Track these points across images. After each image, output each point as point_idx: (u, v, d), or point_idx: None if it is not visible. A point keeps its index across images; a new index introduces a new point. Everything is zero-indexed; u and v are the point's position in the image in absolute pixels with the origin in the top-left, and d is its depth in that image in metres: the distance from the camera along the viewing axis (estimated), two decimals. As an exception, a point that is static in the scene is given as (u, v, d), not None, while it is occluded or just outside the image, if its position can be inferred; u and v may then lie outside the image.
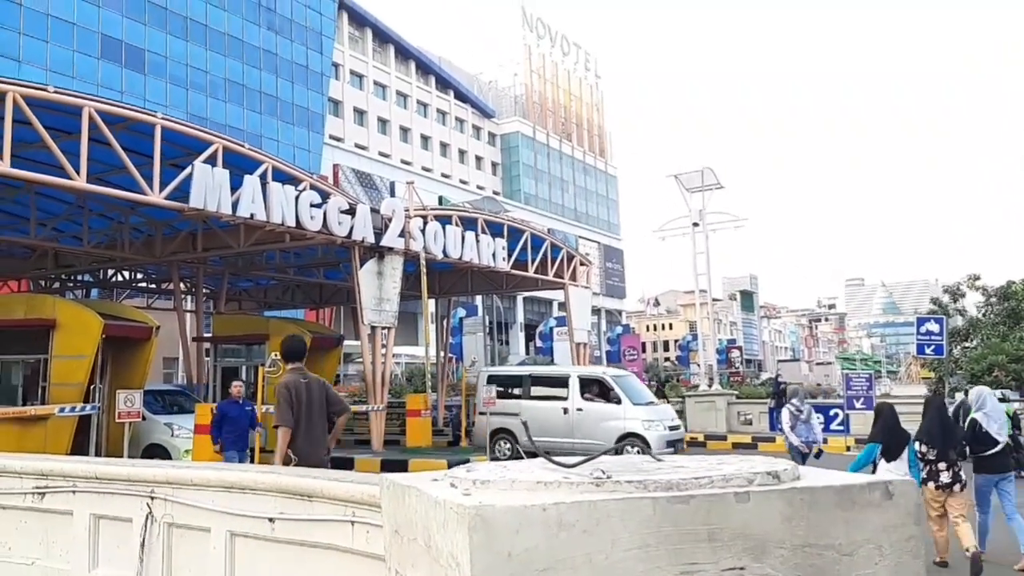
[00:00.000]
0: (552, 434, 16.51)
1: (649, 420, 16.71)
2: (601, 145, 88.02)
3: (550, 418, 17.22)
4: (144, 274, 24.54)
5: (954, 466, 8.14)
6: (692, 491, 1.74)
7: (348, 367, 37.45)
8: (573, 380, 17.66)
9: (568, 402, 17.38)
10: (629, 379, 18.79)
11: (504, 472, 1.98)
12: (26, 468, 5.15)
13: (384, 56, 63.60)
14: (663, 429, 16.73)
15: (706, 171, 27.95)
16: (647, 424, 16.52)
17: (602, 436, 16.06)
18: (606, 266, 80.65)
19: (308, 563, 3.70)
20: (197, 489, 4.23)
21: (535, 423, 17.11)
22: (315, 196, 16.16)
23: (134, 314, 16.92)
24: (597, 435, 16.17)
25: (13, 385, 15.63)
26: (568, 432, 16.80)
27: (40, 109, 12.42)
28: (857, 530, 1.80)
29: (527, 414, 17.41)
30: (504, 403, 18.04)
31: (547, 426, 16.96)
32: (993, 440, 8.34)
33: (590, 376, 18.04)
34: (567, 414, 17.27)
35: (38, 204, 17.28)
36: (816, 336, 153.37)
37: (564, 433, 16.73)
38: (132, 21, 41.07)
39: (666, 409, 18.41)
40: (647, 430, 16.33)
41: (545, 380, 18.87)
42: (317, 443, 6.82)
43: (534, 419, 17.24)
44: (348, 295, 22.48)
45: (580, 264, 26.35)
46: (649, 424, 16.57)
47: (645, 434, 16.19)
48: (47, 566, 4.96)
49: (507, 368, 24.49)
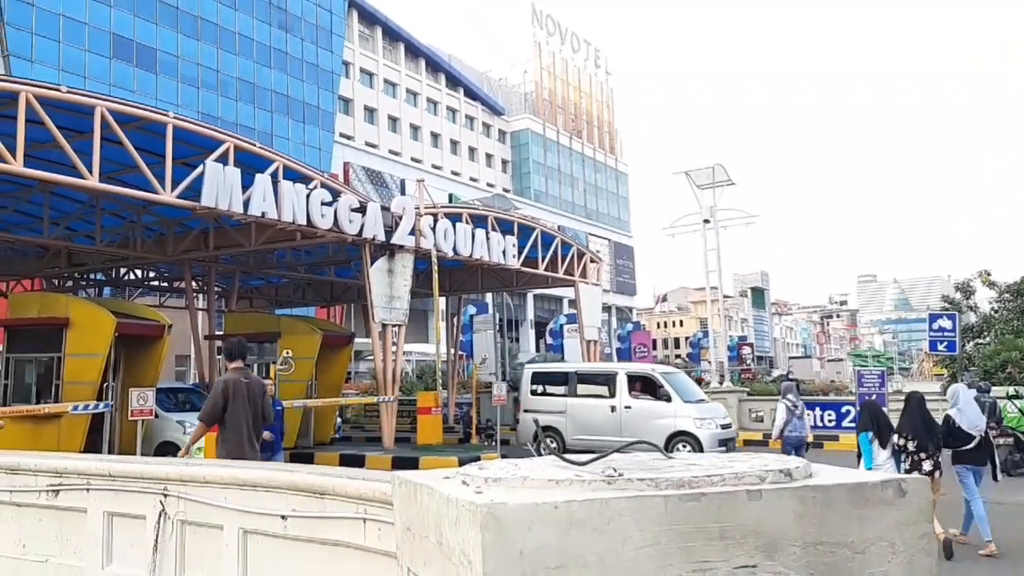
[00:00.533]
0: (599, 432, 16.16)
1: (701, 418, 16.18)
2: (611, 142, 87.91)
3: (597, 416, 16.89)
4: (156, 273, 24.67)
5: (933, 457, 8.72)
6: (704, 489, 1.73)
7: (359, 364, 37.54)
8: (621, 377, 17.21)
9: (616, 400, 16.93)
10: (679, 376, 18.34)
11: (515, 470, 1.98)
12: (40, 466, 5.19)
13: (394, 54, 63.66)
14: (715, 427, 16.21)
15: (717, 168, 27.88)
16: (699, 422, 15.99)
17: (652, 434, 15.41)
18: (616, 263, 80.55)
19: (321, 560, 3.72)
20: (210, 487, 4.25)
21: (581, 421, 16.82)
22: (326, 194, 16.21)
23: (147, 312, 17.01)
24: (646, 433, 15.51)
25: (27, 384, 15.74)
26: (616, 430, 16.32)
27: (53, 109, 12.49)
28: (870, 528, 1.80)
29: (573, 412, 17.15)
30: (550, 401, 17.78)
31: (594, 424, 16.65)
32: (967, 435, 8.97)
33: (639, 373, 17.61)
34: (615, 412, 16.82)
35: (51, 203, 17.38)
36: (828, 333, 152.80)
37: (612, 431, 16.23)
38: (143, 20, 41.25)
39: (717, 407, 17.82)
40: (699, 428, 15.85)
41: (592, 377, 18.35)
42: (248, 439, 7.06)
43: (580, 417, 16.94)
44: (359, 293, 22.55)
45: (590, 261, 26.33)
46: (701, 422, 16.05)
47: (697, 432, 15.72)
48: (61, 563, 4.99)
49: (552, 365, 24.28)
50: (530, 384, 18.26)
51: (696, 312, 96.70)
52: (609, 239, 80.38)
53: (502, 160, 74.57)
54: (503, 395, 19.80)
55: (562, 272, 24.60)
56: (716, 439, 15.88)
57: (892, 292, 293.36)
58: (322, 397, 19.13)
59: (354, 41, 58.52)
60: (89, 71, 38.16)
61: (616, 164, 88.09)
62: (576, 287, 25.44)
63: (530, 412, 17.75)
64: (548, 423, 17.52)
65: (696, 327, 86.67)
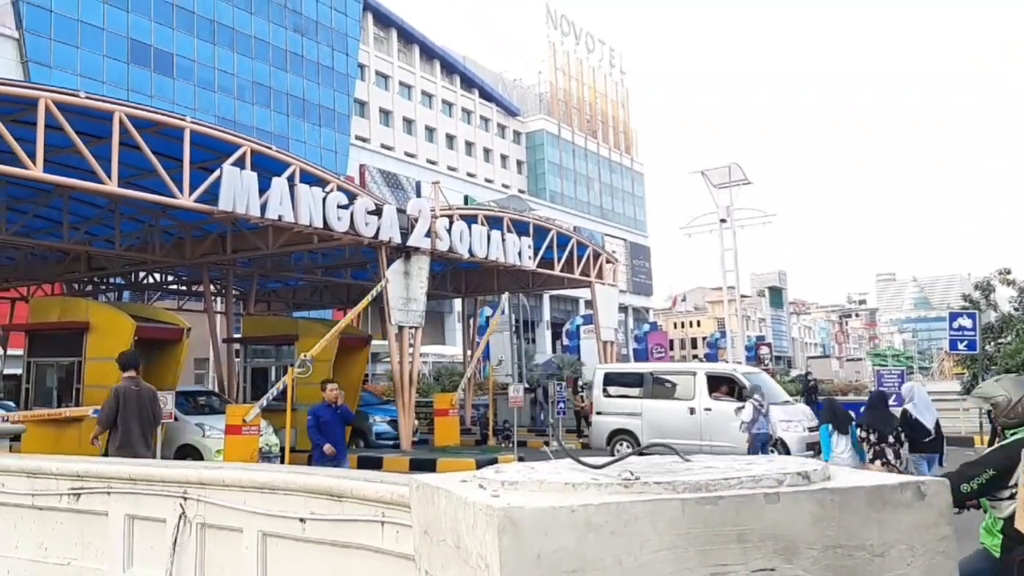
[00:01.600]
0: (677, 436, 15.24)
1: (787, 420, 15.19)
2: (627, 142, 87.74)
3: (675, 419, 16.10)
4: (175, 276, 24.84)
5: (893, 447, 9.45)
6: (721, 492, 1.73)
7: (376, 366, 37.63)
8: (700, 378, 16.45)
9: (695, 401, 16.14)
10: (761, 376, 17.45)
11: (532, 473, 1.98)
12: (62, 469, 5.23)
13: (409, 56, 63.84)
14: (802, 430, 15.30)
15: (733, 167, 27.79)
16: (785, 425, 15.00)
17: (734, 437, 14.45)
18: (633, 263, 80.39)
19: (339, 563, 3.73)
20: (229, 490, 4.28)
21: (658, 424, 16.08)
22: (342, 197, 16.27)
23: (166, 316, 17.13)
24: (728, 437, 14.79)
25: (48, 387, 15.90)
26: (695, 434, 15.66)
27: (72, 114, 12.61)
28: (889, 530, 1.79)
29: (649, 415, 16.42)
30: (623, 403, 17.07)
31: (671, 427, 15.85)
32: (924, 428, 10.00)
33: (719, 373, 16.85)
34: (694, 414, 16.05)
35: (71, 208, 17.53)
36: (847, 332, 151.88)
37: (691, 435, 15.49)
38: (160, 26, 41.58)
39: (803, 409, 17.07)
40: (785, 431, 14.89)
41: (669, 378, 17.52)
42: (139, 438, 8.25)
43: (657, 420, 16.18)
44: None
45: (606, 262, 26.29)
46: (787, 424, 15.11)
47: (783, 435, 14.77)
48: (83, 566, 5.03)
49: (626, 366, 23.72)
50: (602, 385, 17.52)
51: (713, 312, 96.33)
52: (625, 239, 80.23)
53: (517, 161, 74.60)
54: (520, 397, 19.79)
55: (578, 273, 24.58)
56: (804, 442, 14.99)
57: (911, 291, 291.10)
58: (339, 399, 19.17)
59: (369, 44, 58.73)
60: (107, 76, 38.52)
61: (632, 164, 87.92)
62: (592, 288, 25.40)
63: (603, 415, 17.10)
64: (622, 426, 16.81)
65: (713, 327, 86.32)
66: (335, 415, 10.80)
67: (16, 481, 5.44)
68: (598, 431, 17.37)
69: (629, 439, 16.62)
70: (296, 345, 18.28)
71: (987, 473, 3.87)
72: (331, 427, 10.69)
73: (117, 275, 23.64)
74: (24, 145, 11.92)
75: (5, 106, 12.31)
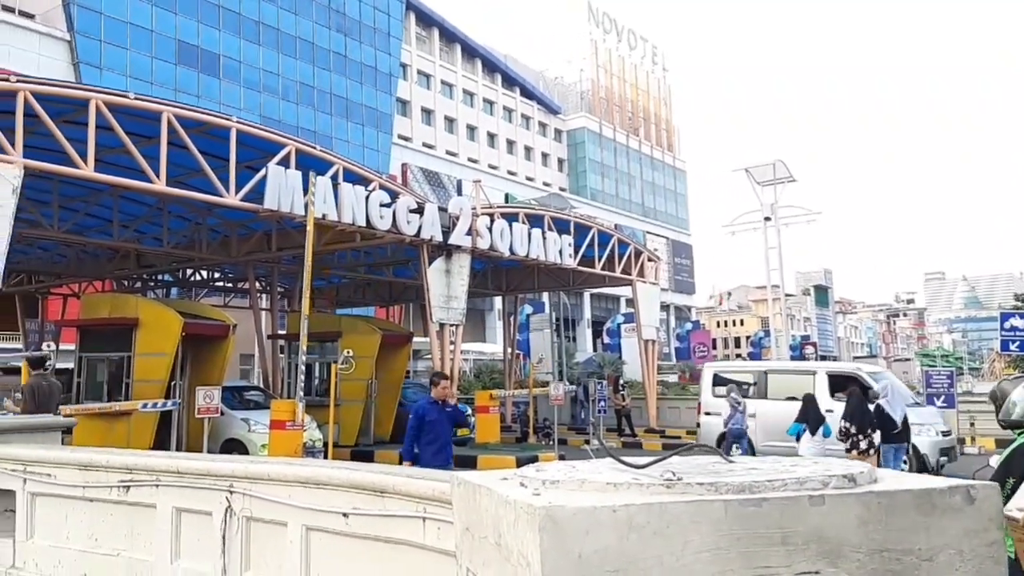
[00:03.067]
0: None
1: (919, 424, 13.92)
2: (669, 139, 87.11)
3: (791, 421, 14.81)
4: (221, 273, 25.23)
5: (868, 438, 11.30)
6: (765, 494, 1.71)
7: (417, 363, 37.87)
8: (820, 377, 15.56)
9: None
10: (887, 375, 16.26)
11: (573, 472, 1.98)
12: (112, 462, 5.34)
13: (451, 55, 64.07)
14: (934, 434, 14.32)
15: (777, 164, 27.43)
16: (916, 428, 13.63)
17: None
18: (675, 261, 79.84)
19: (381, 558, 3.77)
20: (274, 484, 4.34)
21: (773, 426, 14.94)
22: (384, 196, 16.39)
23: (212, 313, 17.41)
24: None
25: (99, 382, 16.24)
26: None
27: (121, 115, 12.87)
28: (937, 535, 1.76)
29: (764, 416, 15.42)
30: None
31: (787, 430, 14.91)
32: (894, 421, 11.76)
33: (841, 372, 15.87)
34: None
35: (121, 207, 17.89)
36: (894, 332, 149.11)
37: None
38: (207, 27, 42.24)
39: (934, 411, 16.01)
40: (916, 435, 13.57)
41: (786, 377, 16.62)
42: None
43: (771, 422, 15.06)
44: (417, 293, 22.76)
45: (648, 260, 26.12)
46: (919, 428, 13.86)
47: (915, 440, 13.46)
48: (131, 557, 5.13)
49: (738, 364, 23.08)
50: (711, 385, 16.78)
51: (757, 311, 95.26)
52: (667, 237, 79.69)
53: (558, 159, 74.46)
54: (561, 395, 19.77)
55: (619, 271, 24.46)
56: (937, 447, 14.09)
57: (961, 290, 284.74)
58: (382, 396, 19.35)
59: (411, 43, 59.05)
60: (155, 77, 39.24)
61: (674, 161, 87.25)
62: (633, 286, 25.27)
63: (712, 416, 16.26)
64: None
65: (757, 326, 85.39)
66: (443, 414, 9.04)
67: (68, 473, 5.57)
68: (707, 433, 16.41)
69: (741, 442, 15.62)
70: (339, 342, 18.48)
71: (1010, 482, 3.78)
72: (437, 428, 8.91)
73: (165, 272, 24.09)
74: (76, 145, 12.20)
75: (58, 107, 12.60)
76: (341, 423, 17.78)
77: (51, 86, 13.11)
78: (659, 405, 24.96)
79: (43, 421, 7.40)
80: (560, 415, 20.22)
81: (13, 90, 11.58)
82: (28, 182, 12.14)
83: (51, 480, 5.67)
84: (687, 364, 52.39)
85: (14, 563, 5.82)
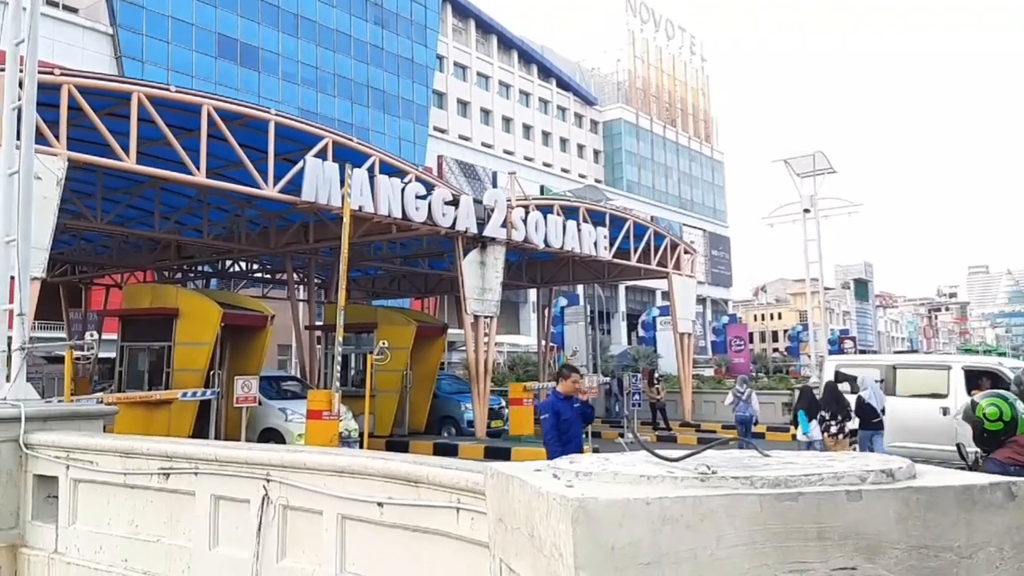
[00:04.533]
0: (926, 439, 13.49)
1: None
2: (706, 130, 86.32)
3: (923, 419, 14.03)
4: (260, 265, 25.54)
5: (840, 423, 12.51)
6: (801, 488, 1.70)
7: (452, 355, 38.05)
8: (956, 373, 14.32)
9: (949, 400, 13.90)
10: None
11: (606, 465, 1.98)
12: (152, 450, 5.43)
13: (487, 47, 64.05)
14: None
15: (817, 155, 27.01)
16: None
17: None
18: (711, 254, 79.18)
19: (415, 547, 3.79)
20: (310, 473, 4.38)
21: (902, 425, 13.96)
22: (420, 188, 16.45)
23: (250, 303, 17.61)
24: None
25: (140, 371, 16.50)
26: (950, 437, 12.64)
27: (163, 108, 13.07)
28: (977, 532, 1.73)
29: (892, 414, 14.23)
30: None
31: (918, 429, 13.92)
32: (873, 410, 12.88)
33: (980, 368, 14.51)
34: (947, 415, 13.63)
35: (162, 199, 18.17)
36: (936, 326, 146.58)
37: (943, 438, 13.04)
38: (247, 20, 42.66)
39: None
40: None
41: (916, 372, 15.42)
42: None
43: (901, 420, 14.01)
44: (452, 284, 22.81)
45: (684, 252, 25.93)
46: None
47: None
48: (171, 544, 5.22)
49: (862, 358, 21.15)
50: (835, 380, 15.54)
51: (795, 304, 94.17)
52: (704, 229, 79.06)
53: (594, 150, 74.15)
54: (595, 387, 19.73)
55: (655, 264, 24.31)
56: None
57: (1005, 284, 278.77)
58: (416, 387, 19.46)
59: (448, 35, 59.13)
60: (196, 70, 39.74)
61: (712, 153, 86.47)
62: (669, 279, 25.10)
63: None
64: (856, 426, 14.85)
65: (795, 320, 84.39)
66: (574, 411, 8.20)
67: (110, 460, 5.67)
68: None
69: None
70: (375, 333, 18.60)
71: None
72: (571, 427, 8.11)
73: (205, 263, 24.43)
74: (118, 138, 12.42)
75: (101, 100, 12.82)
76: (376, 414, 17.92)
77: (94, 79, 13.35)
78: (694, 399, 24.82)
79: (87, 409, 7.54)
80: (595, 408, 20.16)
81: (57, 83, 11.80)
82: (72, 174, 12.37)
83: (93, 467, 5.78)
84: (723, 358, 51.98)
85: (56, 548, 5.95)
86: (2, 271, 6.91)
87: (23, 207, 6.84)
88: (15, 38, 7.07)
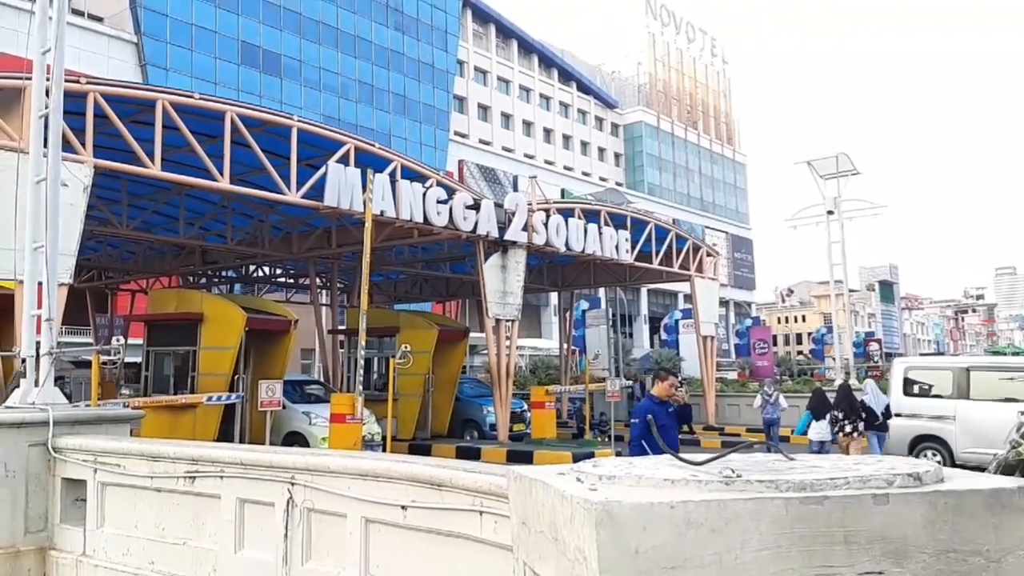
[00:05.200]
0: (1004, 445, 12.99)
1: None
2: (728, 132, 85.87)
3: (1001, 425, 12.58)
4: (283, 270, 25.70)
5: (853, 423, 13.06)
6: (827, 492, 1.69)
7: (474, 359, 38.07)
8: None
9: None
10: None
11: (630, 468, 1.97)
12: (178, 454, 5.48)
13: (507, 51, 64.11)
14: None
15: (841, 157, 26.81)
16: None
17: None
18: (734, 256, 78.70)
19: (439, 550, 3.80)
20: (334, 476, 4.40)
21: (978, 431, 13.28)
22: (441, 192, 16.50)
23: (274, 308, 17.73)
24: None
25: (165, 375, 16.65)
26: None
27: (186, 115, 13.19)
28: (1006, 536, 1.71)
29: (965, 419, 13.77)
30: (931, 403, 14.51)
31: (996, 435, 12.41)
32: (875, 413, 13.57)
33: None
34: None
35: (186, 205, 18.33)
36: (962, 328, 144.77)
37: None
38: (269, 28, 42.98)
39: None
40: None
41: (995, 375, 14.54)
42: None
43: (977, 426, 13.43)
44: (473, 288, 22.85)
45: (707, 255, 25.82)
46: None
47: None
48: (197, 546, 5.26)
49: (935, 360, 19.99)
50: (902, 382, 15.19)
51: (819, 307, 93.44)
52: (727, 232, 78.59)
53: (615, 154, 73.95)
54: (617, 391, 19.68)
55: (677, 267, 24.22)
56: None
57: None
58: (439, 391, 19.50)
59: (468, 40, 59.26)
60: (219, 77, 40.08)
61: (733, 155, 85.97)
62: (692, 282, 24.99)
63: (903, 418, 14.60)
64: (928, 431, 14.37)
65: (819, 322, 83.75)
66: (670, 417, 7.66)
67: (137, 464, 5.73)
68: (898, 436, 14.63)
69: (938, 447, 14.15)
70: (397, 337, 18.66)
71: None
72: (667, 433, 7.46)
73: (229, 268, 24.62)
74: (143, 145, 12.56)
75: (126, 107, 12.96)
76: (399, 417, 17.97)
77: (119, 87, 13.51)
78: (718, 402, 24.69)
79: (113, 413, 7.62)
80: (617, 411, 20.12)
81: (83, 91, 11.95)
82: (98, 181, 12.52)
83: (120, 471, 5.84)
84: (746, 361, 51.64)
85: (84, 551, 6.02)
86: (30, 277, 7.00)
87: (50, 214, 6.93)
88: (42, 47, 7.17)
